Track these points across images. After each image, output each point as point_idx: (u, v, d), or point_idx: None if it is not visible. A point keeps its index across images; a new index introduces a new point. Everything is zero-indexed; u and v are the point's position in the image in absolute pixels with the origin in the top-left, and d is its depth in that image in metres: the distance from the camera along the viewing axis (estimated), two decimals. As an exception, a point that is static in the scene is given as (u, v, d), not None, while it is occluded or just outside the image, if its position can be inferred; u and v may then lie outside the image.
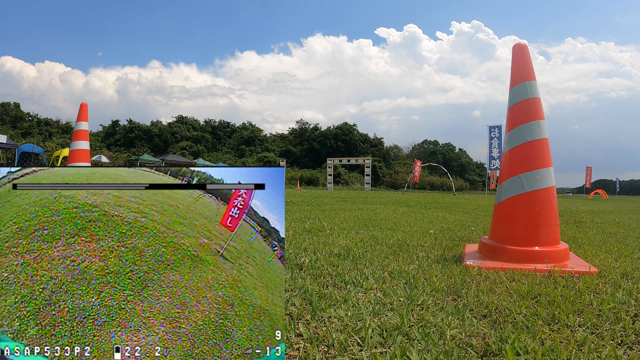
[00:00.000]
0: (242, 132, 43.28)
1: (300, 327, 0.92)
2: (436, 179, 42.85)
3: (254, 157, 37.84)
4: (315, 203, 6.64)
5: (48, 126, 33.03)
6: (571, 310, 1.06)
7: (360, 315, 0.99)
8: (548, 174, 1.70)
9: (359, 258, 1.76)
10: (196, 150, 36.55)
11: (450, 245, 2.23)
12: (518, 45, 1.82)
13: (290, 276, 1.39)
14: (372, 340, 0.85)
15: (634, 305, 1.13)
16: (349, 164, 31.73)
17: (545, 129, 1.73)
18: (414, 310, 1.05)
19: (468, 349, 0.83)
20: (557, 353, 0.79)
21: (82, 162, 4.04)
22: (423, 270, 1.52)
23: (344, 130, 44.16)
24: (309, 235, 2.48)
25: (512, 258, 1.65)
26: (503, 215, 1.78)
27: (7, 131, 24.95)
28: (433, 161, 44.91)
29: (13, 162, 17.86)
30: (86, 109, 4.17)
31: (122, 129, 36.98)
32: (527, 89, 1.76)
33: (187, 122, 42.07)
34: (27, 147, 18.29)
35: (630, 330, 0.95)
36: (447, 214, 4.84)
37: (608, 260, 1.84)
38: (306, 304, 1.09)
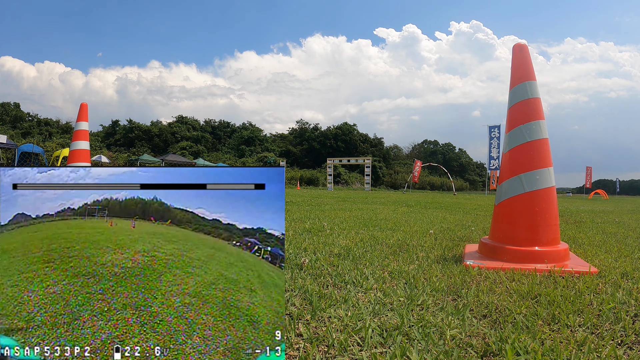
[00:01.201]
0: (242, 132, 43.28)
1: (300, 327, 0.92)
2: (436, 179, 42.85)
3: (254, 157, 37.84)
4: (315, 203, 6.63)
5: (48, 126, 33.02)
6: (571, 310, 1.06)
7: (360, 315, 0.99)
8: (548, 174, 1.70)
9: (359, 258, 1.76)
10: (196, 150, 36.54)
11: (450, 245, 2.23)
12: (518, 45, 1.82)
13: (290, 276, 1.39)
14: (372, 340, 0.85)
15: (634, 305, 1.13)
16: (349, 164, 31.73)
17: (545, 129, 1.73)
18: (414, 310, 1.05)
19: (468, 349, 0.83)
20: (557, 353, 0.79)
21: (82, 162, 4.03)
22: (423, 270, 1.52)
23: (344, 130, 44.15)
24: (309, 235, 2.48)
25: (512, 258, 1.65)
26: (503, 215, 1.78)
27: (7, 131, 24.94)
28: (433, 161, 44.90)
29: (13, 162, 17.85)
30: (86, 109, 4.17)
31: (122, 129, 36.98)
32: (527, 89, 1.76)
33: (187, 122, 42.05)
34: (27, 147, 18.28)
35: (630, 330, 0.95)
36: (447, 214, 4.84)
37: (608, 260, 1.84)
38: (306, 304, 1.09)
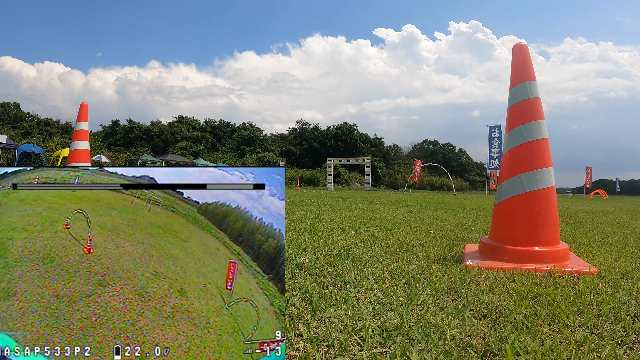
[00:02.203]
0: (242, 132, 43.30)
1: (300, 327, 0.92)
2: (436, 179, 42.85)
3: (254, 157, 37.85)
4: (315, 203, 6.64)
5: (48, 126, 33.05)
6: (571, 310, 1.06)
7: (360, 315, 0.99)
8: (548, 174, 1.70)
9: (359, 258, 1.76)
10: (196, 150, 36.56)
11: (450, 245, 2.23)
12: (518, 45, 1.82)
13: (290, 276, 1.39)
14: (372, 340, 0.85)
15: (634, 305, 1.13)
16: (349, 164, 31.74)
17: (545, 129, 1.73)
18: (414, 310, 1.05)
19: (468, 349, 0.83)
20: (557, 353, 0.79)
21: (82, 162, 4.04)
22: (423, 270, 1.52)
23: (344, 130, 44.17)
24: (309, 235, 2.48)
25: (512, 258, 1.65)
26: (503, 215, 1.78)
27: (7, 131, 24.95)
28: (433, 161, 44.89)
29: (13, 162, 17.85)
30: (86, 109, 4.17)
31: (122, 129, 37.00)
32: (527, 89, 1.76)
33: (187, 122, 42.07)
34: (27, 147, 18.29)
35: (630, 330, 0.95)
36: (447, 214, 4.84)
37: (608, 260, 1.84)
38: (306, 304, 1.09)
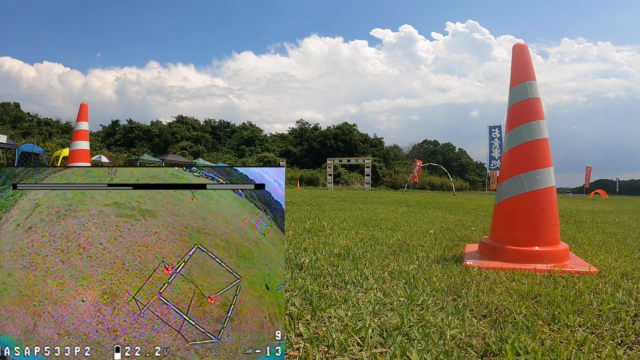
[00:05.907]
0: (242, 132, 43.31)
1: (300, 327, 0.92)
2: (436, 179, 42.86)
3: (254, 157, 37.85)
4: (315, 203, 6.63)
5: (48, 126, 33.05)
6: (571, 310, 1.06)
7: (360, 315, 0.99)
8: (548, 174, 1.70)
9: (359, 258, 1.76)
10: (196, 150, 36.56)
11: (450, 245, 2.23)
12: (518, 45, 1.83)
13: (290, 276, 1.39)
14: (372, 340, 0.85)
15: (634, 305, 1.13)
16: (349, 164, 31.74)
17: (545, 129, 1.73)
18: (414, 310, 1.05)
19: (468, 349, 0.83)
20: (557, 353, 0.79)
21: (82, 162, 4.04)
22: (423, 270, 1.52)
23: (344, 130, 44.16)
24: (309, 235, 2.48)
25: (512, 258, 1.65)
26: (503, 215, 1.78)
27: (7, 131, 24.96)
28: (433, 161, 44.91)
29: (13, 162, 17.86)
30: (86, 109, 4.17)
31: (122, 129, 37.00)
32: (527, 89, 1.76)
33: (186, 122, 42.07)
34: (27, 147, 18.29)
35: (630, 330, 0.95)
36: (447, 214, 4.84)
37: (608, 260, 1.84)
38: (306, 304, 1.09)
